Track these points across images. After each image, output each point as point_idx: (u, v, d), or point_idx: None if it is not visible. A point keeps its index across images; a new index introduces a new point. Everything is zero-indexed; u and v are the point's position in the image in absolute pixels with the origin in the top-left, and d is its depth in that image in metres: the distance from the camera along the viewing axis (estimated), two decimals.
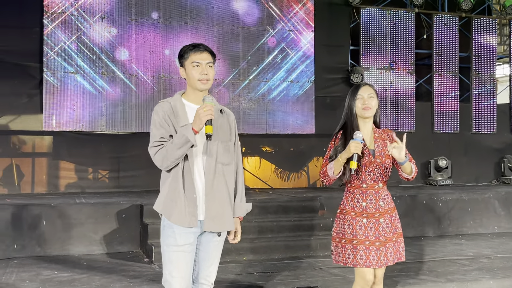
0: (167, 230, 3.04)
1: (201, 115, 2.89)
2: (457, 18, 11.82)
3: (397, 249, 3.60)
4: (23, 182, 9.35)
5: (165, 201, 3.02)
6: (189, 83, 3.12)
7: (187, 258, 3.02)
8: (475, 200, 8.77)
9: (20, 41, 9.22)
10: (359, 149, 3.38)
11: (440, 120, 11.71)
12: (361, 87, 3.61)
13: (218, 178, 3.07)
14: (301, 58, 10.74)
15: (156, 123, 3.01)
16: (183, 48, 3.14)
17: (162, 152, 2.91)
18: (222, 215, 3.09)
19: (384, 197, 3.58)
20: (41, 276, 5.73)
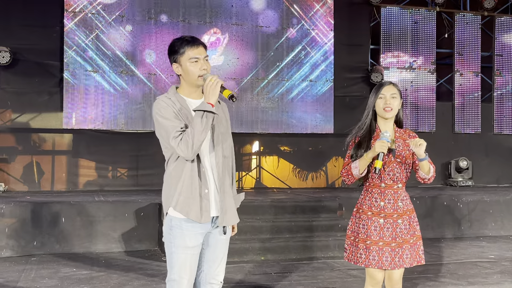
0: (176, 230, 2.95)
1: (212, 86, 2.86)
2: (479, 17, 11.65)
3: (416, 251, 3.53)
4: (43, 180, 9.44)
5: (180, 198, 2.93)
6: (186, 79, 3.02)
7: (195, 259, 2.98)
8: (496, 201, 8.64)
9: (41, 40, 9.30)
10: (384, 148, 3.34)
11: (461, 120, 11.56)
12: (385, 86, 3.54)
13: (225, 172, 3.03)
14: (321, 57, 10.67)
15: (169, 116, 2.90)
16: (176, 43, 3.02)
17: (185, 140, 2.81)
18: (232, 210, 3.06)
19: (403, 198, 3.53)
20: (60, 273, 5.77)
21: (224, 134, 3.08)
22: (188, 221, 2.93)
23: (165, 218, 3.02)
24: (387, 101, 3.49)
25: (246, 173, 10.77)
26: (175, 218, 2.95)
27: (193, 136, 2.81)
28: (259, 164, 10.87)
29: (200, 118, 2.81)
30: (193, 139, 2.81)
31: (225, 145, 3.08)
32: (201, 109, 2.83)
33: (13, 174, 9.33)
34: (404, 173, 3.52)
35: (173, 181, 2.97)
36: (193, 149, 2.82)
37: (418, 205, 8.03)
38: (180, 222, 2.94)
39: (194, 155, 2.89)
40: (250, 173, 10.80)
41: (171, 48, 3.04)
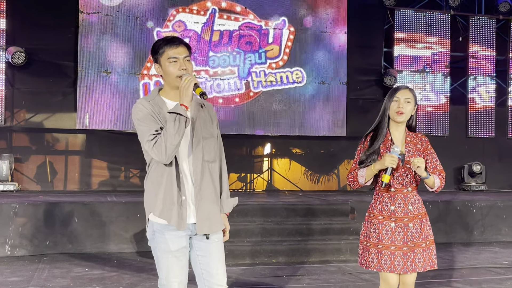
0: (158, 236, 2.88)
1: (186, 85, 2.77)
2: (494, 20, 11.57)
3: (428, 256, 3.50)
4: (56, 179, 9.51)
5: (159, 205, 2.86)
6: (166, 80, 2.93)
7: (182, 262, 2.91)
8: (510, 206, 8.55)
9: (56, 40, 9.38)
10: (394, 164, 3.35)
11: (474, 125, 11.48)
12: (400, 90, 3.54)
13: (206, 177, 2.93)
14: (334, 59, 10.65)
15: (145, 119, 2.83)
16: (157, 43, 2.93)
17: (159, 143, 2.74)
18: (212, 216, 2.95)
19: (413, 201, 3.50)
20: (72, 273, 5.80)
21: (207, 138, 2.98)
22: (169, 226, 2.87)
23: (147, 223, 2.96)
24: (400, 104, 3.49)
25: (257, 175, 10.77)
26: (156, 224, 2.88)
27: (166, 139, 2.73)
28: (271, 166, 10.86)
29: (173, 122, 2.73)
30: (166, 142, 2.73)
31: (208, 149, 2.97)
32: (173, 112, 2.75)
33: (26, 173, 9.41)
34: (414, 177, 3.50)
35: (153, 186, 2.90)
36: (167, 153, 2.74)
37: (431, 209, 7.98)
38: (162, 227, 2.87)
39: (169, 159, 2.80)
40: (262, 175, 10.80)
41: (153, 49, 2.95)
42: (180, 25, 9.94)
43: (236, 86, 10.17)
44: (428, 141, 3.58)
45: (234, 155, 10.49)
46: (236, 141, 10.40)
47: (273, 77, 10.35)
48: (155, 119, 2.84)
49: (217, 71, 10.08)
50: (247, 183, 10.68)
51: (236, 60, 10.17)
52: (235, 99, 10.17)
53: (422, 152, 3.53)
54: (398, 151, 3.36)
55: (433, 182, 3.45)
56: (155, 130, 2.80)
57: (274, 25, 10.39)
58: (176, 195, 2.85)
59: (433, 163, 3.52)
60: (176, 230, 2.87)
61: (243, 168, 10.70)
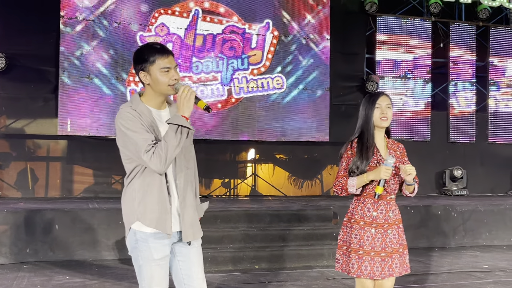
0: (142, 244, 2.86)
1: (186, 98, 2.77)
2: (474, 27, 11.72)
3: (403, 261, 3.56)
4: (37, 186, 9.41)
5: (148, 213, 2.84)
6: (155, 88, 2.89)
7: (164, 270, 2.92)
8: (490, 211, 8.65)
9: (37, 46, 9.30)
10: (388, 176, 3.40)
11: (455, 130, 11.60)
12: (380, 96, 3.59)
13: (187, 184, 2.95)
14: (317, 65, 10.70)
15: (137, 129, 2.79)
16: (145, 51, 2.89)
17: (158, 154, 2.72)
18: (195, 223, 2.98)
19: (394, 208, 3.57)
20: (52, 281, 5.74)
21: (186, 147, 2.97)
22: (153, 234, 2.85)
23: (128, 232, 2.92)
24: (383, 110, 3.54)
25: (241, 180, 10.77)
26: (139, 232, 2.86)
27: (167, 150, 2.72)
28: (254, 172, 10.86)
29: (175, 133, 2.73)
30: (167, 153, 2.72)
31: (187, 156, 2.99)
32: (176, 123, 2.75)
33: (7, 180, 9.30)
34: (397, 184, 3.57)
35: (139, 195, 2.86)
36: (166, 163, 2.75)
37: (412, 214, 8.05)
38: (146, 236, 2.85)
39: (166, 169, 2.81)
40: (246, 181, 10.80)
41: (139, 56, 2.90)
42: (163, 29, 9.92)
43: (219, 92, 10.17)
44: (404, 148, 3.68)
45: (218, 160, 10.48)
46: (220, 147, 10.39)
47: (255, 84, 10.37)
48: (145, 127, 2.82)
49: (200, 77, 10.07)
50: (230, 189, 10.67)
51: (219, 66, 10.18)
52: (218, 105, 10.17)
53: (401, 159, 3.60)
54: (392, 162, 3.41)
55: (414, 189, 3.56)
56: (152, 141, 2.78)
57: (258, 28, 10.41)
58: (164, 203, 2.86)
59: None
60: (160, 238, 2.87)
61: (226, 173, 10.69)
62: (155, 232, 2.86)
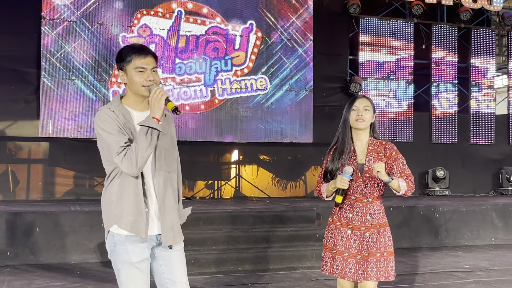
0: (120, 247, 2.84)
1: (157, 99, 2.75)
2: (456, 28, 11.83)
3: (384, 267, 3.48)
4: (18, 189, 9.30)
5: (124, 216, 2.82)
6: (131, 88, 2.89)
7: (144, 274, 2.88)
8: (472, 211, 8.73)
9: (18, 47, 9.20)
10: (345, 185, 3.42)
11: (438, 130, 11.69)
12: (358, 99, 3.61)
13: (168, 188, 2.92)
14: (300, 67, 10.72)
15: (111, 129, 2.78)
16: (124, 51, 2.89)
17: (129, 156, 2.71)
18: (175, 227, 2.95)
19: (373, 212, 3.52)
20: (33, 284, 5.68)
21: (168, 149, 2.96)
22: (131, 237, 2.83)
23: (107, 235, 2.91)
24: (359, 112, 3.55)
25: (225, 182, 10.75)
26: (117, 235, 2.84)
27: (137, 152, 2.71)
28: (238, 173, 10.85)
29: (145, 135, 2.72)
30: (137, 156, 2.71)
31: (169, 160, 2.97)
32: (146, 125, 2.74)
33: None
34: (375, 187, 3.52)
35: (116, 198, 2.84)
36: (138, 165, 2.73)
37: (395, 214, 8.09)
38: (124, 238, 2.83)
39: (139, 172, 2.78)
40: (229, 182, 10.78)
41: (119, 55, 2.91)
42: (145, 30, 9.87)
43: (202, 94, 10.14)
44: (393, 148, 3.60)
45: (201, 162, 10.45)
46: (203, 148, 10.37)
47: (238, 85, 10.36)
48: (121, 130, 2.80)
49: (183, 79, 10.04)
50: (214, 190, 10.65)
51: (202, 67, 10.15)
52: (201, 106, 10.14)
53: (386, 159, 3.55)
54: (350, 172, 3.42)
55: (398, 186, 3.44)
56: (124, 142, 2.76)
57: (241, 29, 10.40)
58: (141, 207, 2.83)
59: (400, 168, 3.53)
60: (138, 241, 2.84)
61: (210, 175, 10.66)
62: (133, 235, 2.83)
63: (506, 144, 12.18)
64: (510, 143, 12.19)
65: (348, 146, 3.56)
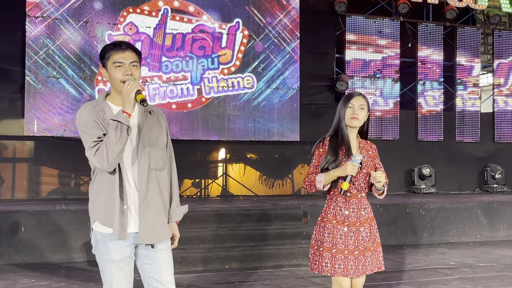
0: (101, 245, 2.83)
1: (127, 91, 2.72)
2: (441, 27, 11.90)
3: (376, 258, 3.60)
4: (3, 188, 9.21)
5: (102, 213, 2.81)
6: (112, 85, 2.88)
7: (126, 272, 2.86)
8: (458, 208, 8.80)
9: (2, 45, 9.09)
10: (355, 172, 3.42)
11: (424, 128, 11.76)
12: (354, 96, 3.62)
13: (152, 186, 2.87)
14: (287, 65, 10.72)
15: (87, 125, 2.77)
16: (104, 48, 2.89)
17: (101, 151, 2.68)
18: (157, 226, 2.90)
19: (365, 206, 3.60)
20: (17, 284, 5.63)
21: (153, 145, 2.91)
22: (111, 236, 2.81)
23: (91, 233, 2.91)
24: (355, 111, 3.57)
25: (212, 180, 10.73)
26: (99, 233, 2.83)
27: (108, 147, 2.67)
28: (225, 171, 10.84)
29: (114, 129, 2.68)
30: (108, 150, 2.67)
31: (155, 157, 2.91)
32: (115, 119, 2.70)
33: None
34: (366, 182, 3.59)
35: (96, 194, 2.84)
36: (109, 160, 2.69)
37: (381, 212, 8.13)
38: (104, 236, 2.82)
39: (112, 167, 2.74)
40: (217, 181, 10.76)
41: (100, 53, 2.91)
42: (131, 28, 9.82)
43: (189, 92, 10.11)
44: (376, 149, 3.70)
45: (188, 160, 10.42)
46: (190, 147, 10.33)
47: (225, 83, 10.34)
48: (98, 125, 2.78)
49: (170, 77, 10.00)
50: (201, 189, 10.63)
51: (189, 66, 10.12)
52: (188, 104, 10.11)
53: (373, 159, 3.63)
54: (359, 159, 3.44)
55: (383, 192, 3.58)
56: (98, 137, 2.74)
57: (228, 27, 10.39)
58: (118, 204, 2.80)
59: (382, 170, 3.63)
60: (118, 240, 2.82)
61: (197, 173, 10.63)
62: (112, 233, 2.81)
63: (491, 142, 12.28)
64: (495, 141, 12.29)
65: (348, 142, 3.57)
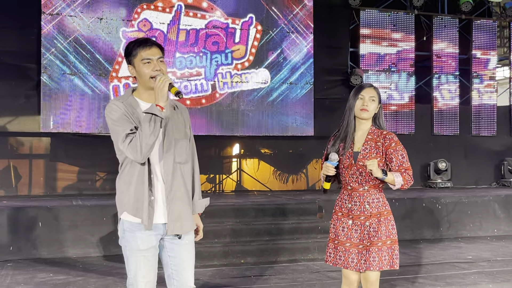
0: (128, 234, 2.92)
1: (160, 86, 2.80)
2: (457, 20, 11.78)
3: (389, 255, 3.48)
4: (20, 184, 9.31)
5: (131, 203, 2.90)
6: (140, 81, 2.97)
7: (150, 262, 2.94)
8: (474, 202, 8.72)
9: (18, 42, 9.20)
10: (329, 172, 3.46)
11: (439, 122, 11.66)
12: (365, 88, 3.59)
13: (177, 179, 2.97)
14: (301, 60, 10.70)
15: (119, 119, 2.87)
16: (130, 45, 2.98)
17: (134, 143, 2.78)
18: (184, 217, 3.00)
19: (371, 200, 3.49)
20: (36, 278, 5.69)
21: (179, 140, 3.01)
22: (140, 225, 2.90)
23: (118, 223, 3.01)
24: (365, 102, 3.54)
25: (226, 176, 10.74)
26: (126, 222, 2.93)
27: (141, 139, 2.76)
28: (239, 167, 10.85)
29: (148, 122, 2.77)
30: (141, 142, 2.76)
31: (180, 151, 3.01)
32: (149, 112, 2.79)
33: None
34: (370, 175, 3.46)
35: (125, 186, 2.93)
36: (142, 152, 2.78)
37: (397, 206, 8.09)
38: (132, 225, 2.91)
39: (144, 158, 2.83)
40: (231, 176, 10.78)
41: (126, 51, 3.00)
42: (146, 24, 9.85)
43: (203, 88, 10.13)
44: (393, 138, 3.55)
45: (203, 156, 10.31)
46: (205, 142, 10.35)
47: (239, 78, 10.34)
48: (128, 119, 2.88)
49: (184, 73, 10.02)
50: (216, 184, 10.65)
51: (202, 61, 10.13)
52: (202, 100, 10.13)
53: (384, 149, 3.51)
54: (335, 159, 3.45)
55: (393, 180, 3.44)
56: (130, 130, 2.84)
57: (241, 23, 10.38)
58: (147, 195, 2.89)
59: (399, 161, 3.50)
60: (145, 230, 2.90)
61: (212, 169, 10.65)
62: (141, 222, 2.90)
63: (508, 135, 12.15)
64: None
65: (351, 134, 3.55)
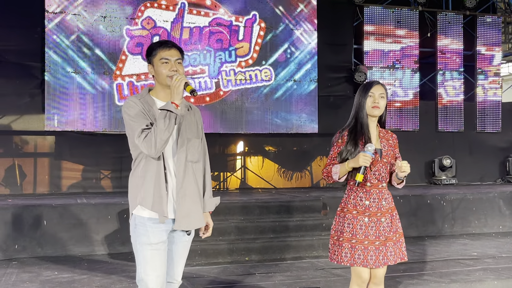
0: (140, 228, 3.02)
1: (176, 84, 2.91)
2: (461, 16, 11.74)
3: (399, 249, 3.56)
4: (25, 182, 9.33)
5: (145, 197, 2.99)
6: (158, 80, 3.10)
7: (161, 256, 3.02)
8: (479, 199, 8.70)
9: (22, 41, 9.21)
10: (367, 163, 3.37)
11: (444, 119, 11.64)
12: (374, 85, 3.56)
13: (188, 176, 3.08)
14: (305, 57, 10.68)
15: (136, 115, 2.98)
16: (151, 46, 3.14)
17: (149, 138, 2.88)
18: (193, 214, 3.10)
19: (386, 196, 3.56)
20: (41, 277, 5.70)
21: (191, 140, 3.13)
22: (151, 219, 3.00)
23: (130, 218, 3.09)
24: (375, 99, 3.52)
25: (231, 173, 10.75)
26: (139, 217, 3.02)
27: (156, 134, 2.86)
28: (244, 164, 10.85)
29: (163, 118, 2.87)
30: (156, 137, 2.86)
31: (192, 150, 3.12)
32: (164, 109, 2.90)
33: None
34: (387, 173, 3.55)
35: (139, 180, 3.03)
36: (156, 147, 2.88)
37: (402, 203, 8.07)
38: (144, 220, 3.00)
39: (158, 153, 2.94)
40: (235, 174, 10.78)
41: (147, 51, 3.14)
42: (149, 22, 9.85)
43: (206, 86, 10.12)
44: (396, 138, 3.67)
45: None
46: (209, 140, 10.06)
47: (243, 76, 10.33)
48: (145, 115, 2.99)
49: (188, 71, 10.02)
50: (220, 182, 10.65)
51: (206, 59, 10.13)
52: (206, 98, 10.13)
53: (393, 148, 3.60)
54: (372, 150, 3.38)
55: (402, 181, 3.57)
56: (146, 125, 2.95)
57: (245, 20, 10.36)
58: (164, 188, 3.00)
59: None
60: (158, 223, 3.00)
61: (216, 167, 10.64)
62: (153, 217, 2.99)
63: None
64: None
65: (368, 132, 3.52)
